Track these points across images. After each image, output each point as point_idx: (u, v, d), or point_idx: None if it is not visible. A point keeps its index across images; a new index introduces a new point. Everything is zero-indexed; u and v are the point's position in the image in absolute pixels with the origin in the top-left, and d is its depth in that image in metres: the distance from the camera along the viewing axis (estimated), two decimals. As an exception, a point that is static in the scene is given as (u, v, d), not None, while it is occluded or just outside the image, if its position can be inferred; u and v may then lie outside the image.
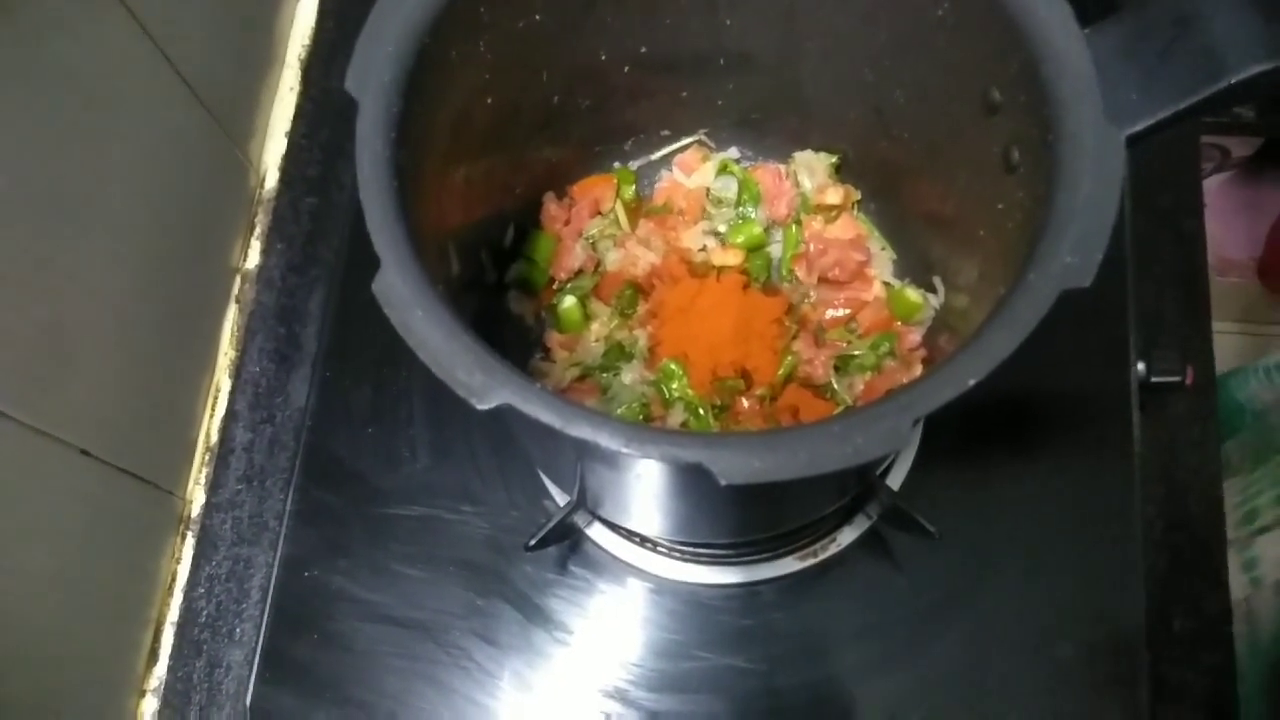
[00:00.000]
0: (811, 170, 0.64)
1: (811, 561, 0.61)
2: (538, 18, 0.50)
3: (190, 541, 0.69)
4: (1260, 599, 0.67)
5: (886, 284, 0.64)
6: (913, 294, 0.61)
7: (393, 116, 0.41)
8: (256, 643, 0.62)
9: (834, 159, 0.64)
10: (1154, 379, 0.64)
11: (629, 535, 0.62)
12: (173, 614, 0.67)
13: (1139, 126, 0.41)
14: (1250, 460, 0.85)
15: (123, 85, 0.58)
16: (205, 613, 0.67)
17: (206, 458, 0.71)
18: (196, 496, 0.70)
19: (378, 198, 0.40)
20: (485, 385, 0.36)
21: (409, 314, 0.38)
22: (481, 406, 0.36)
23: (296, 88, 0.79)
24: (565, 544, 0.63)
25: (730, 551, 0.62)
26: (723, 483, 0.35)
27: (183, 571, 0.68)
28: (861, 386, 0.61)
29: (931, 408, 0.36)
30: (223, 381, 0.72)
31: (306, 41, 0.80)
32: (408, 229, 0.40)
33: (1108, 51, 0.42)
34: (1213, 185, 1.25)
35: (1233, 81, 0.41)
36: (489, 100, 0.51)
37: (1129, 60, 0.42)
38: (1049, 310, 0.38)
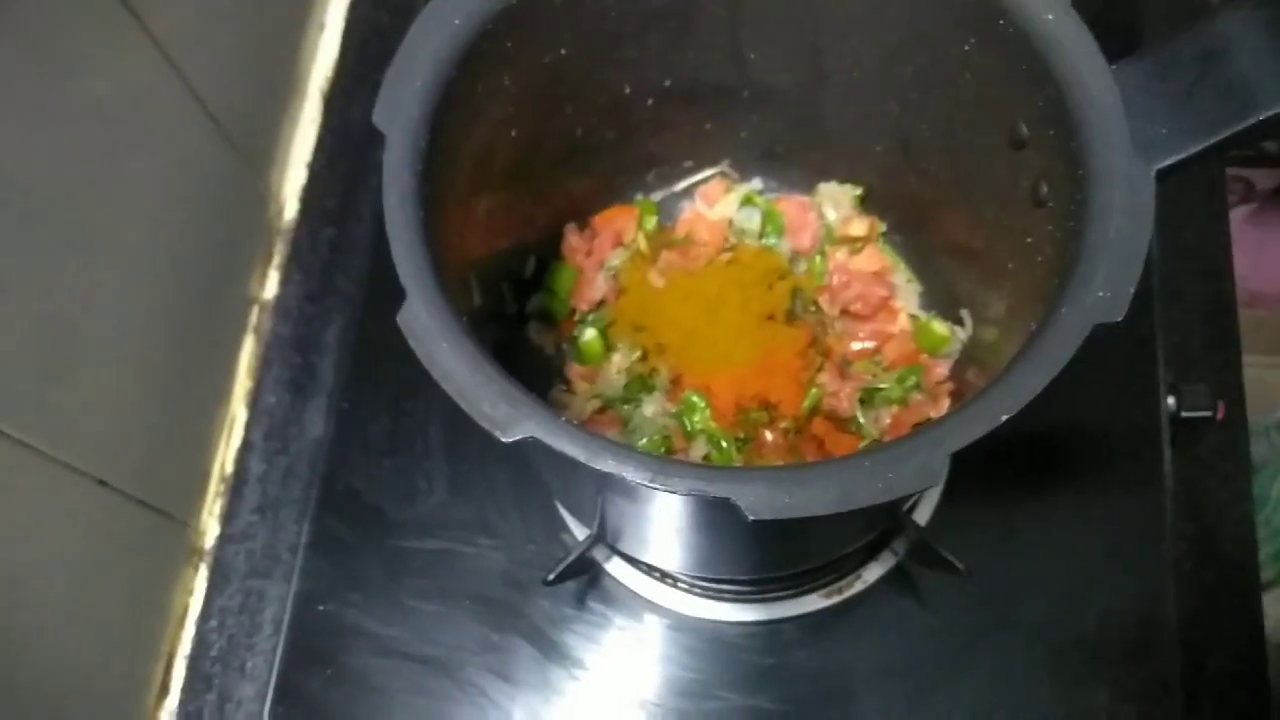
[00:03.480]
0: (836, 202, 0.64)
1: (836, 599, 0.60)
2: (563, 52, 0.50)
3: (203, 573, 0.68)
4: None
5: (913, 316, 0.63)
6: (939, 327, 0.61)
7: (419, 150, 0.41)
8: (269, 677, 0.61)
9: (859, 191, 0.64)
10: (1184, 414, 0.63)
11: (648, 570, 0.62)
12: (184, 647, 0.66)
13: (1168, 161, 0.41)
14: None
15: (148, 117, 0.58)
16: (217, 646, 0.66)
17: (221, 488, 0.70)
18: (210, 528, 0.69)
19: (403, 230, 0.40)
20: (510, 417, 0.36)
21: (434, 346, 0.37)
22: (506, 439, 0.36)
23: (317, 119, 0.80)
24: (583, 579, 0.62)
25: (752, 588, 0.61)
26: (750, 518, 0.34)
27: (195, 604, 0.67)
28: (888, 420, 0.60)
29: (963, 443, 0.36)
30: (239, 412, 0.72)
31: (328, 74, 0.81)
32: (432, 261, 0.40)
33: (1134, 86, 0.42)
34: (1237, 217, 1.25)
35: (1262, 117, 0.41)
36: (513, 133, 0.51)
37: (1156, 95, 0.42)
38: (1081, 345, 0.37)
